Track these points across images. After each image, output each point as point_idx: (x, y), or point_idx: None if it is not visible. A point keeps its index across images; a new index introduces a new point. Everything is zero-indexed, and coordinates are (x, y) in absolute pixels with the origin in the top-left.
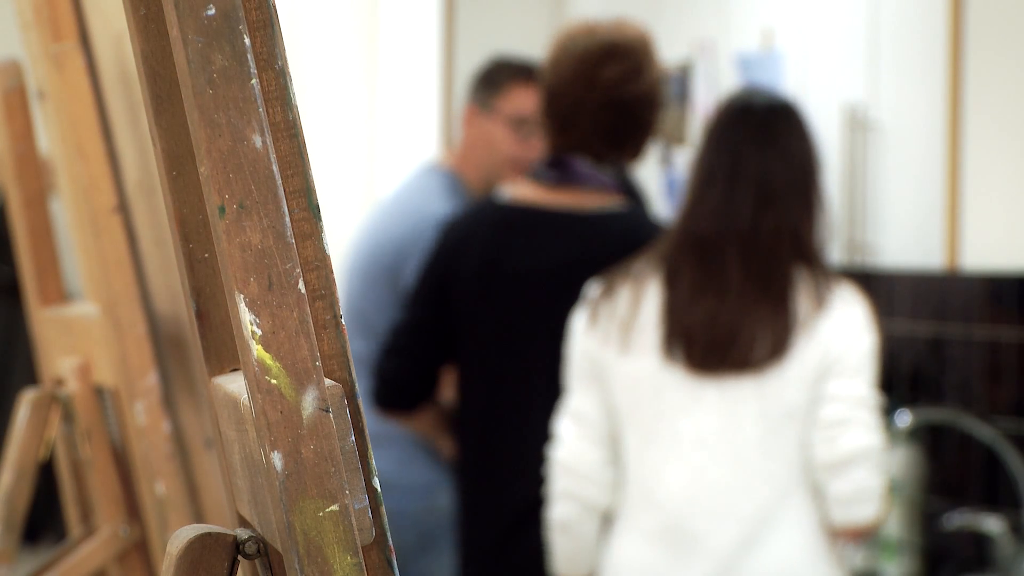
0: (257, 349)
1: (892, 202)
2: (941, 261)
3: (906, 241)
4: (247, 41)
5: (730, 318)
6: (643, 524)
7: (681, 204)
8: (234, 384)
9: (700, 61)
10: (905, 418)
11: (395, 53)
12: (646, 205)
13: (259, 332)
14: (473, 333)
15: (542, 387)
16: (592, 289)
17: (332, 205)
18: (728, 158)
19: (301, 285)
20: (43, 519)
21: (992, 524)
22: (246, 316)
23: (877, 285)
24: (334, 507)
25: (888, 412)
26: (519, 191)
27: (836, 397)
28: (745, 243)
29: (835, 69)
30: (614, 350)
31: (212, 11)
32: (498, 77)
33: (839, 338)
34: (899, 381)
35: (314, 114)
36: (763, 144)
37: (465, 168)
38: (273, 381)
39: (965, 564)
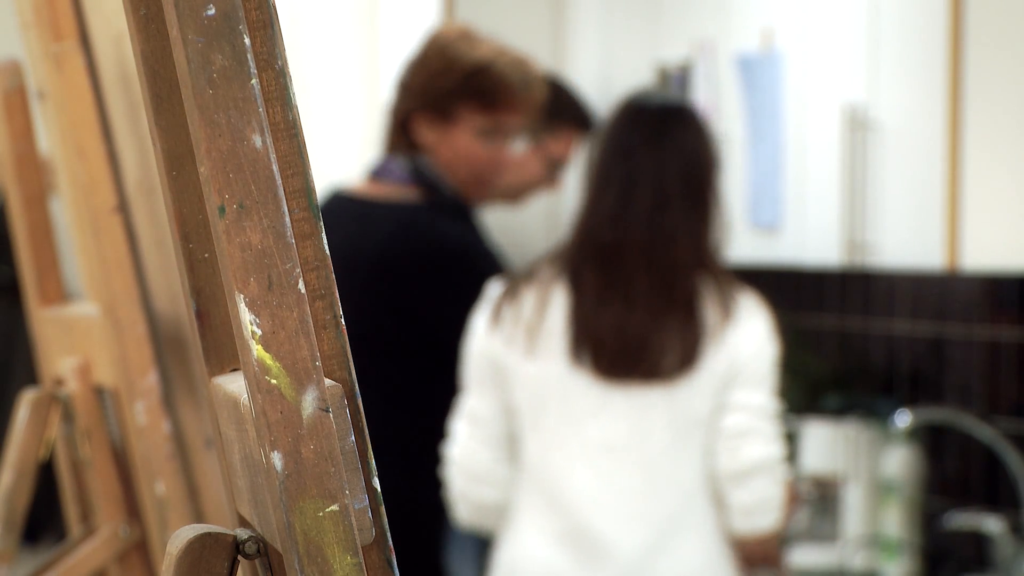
0: (257, 349)
1: (892, 202)
2: (941, 261)
3: (906, 241)
4: (247, 41)
5: (638, 327)
6: (546, 526)
7: (578, 208)
8: (234, 384)
9: (700, 61)
10: (905, 418)
11: (395, 53)
12: (449, 201)
13: (259, 332)
14: None
15: None
16: (493, 289)
17: None
18: (622, 160)
19: (301, 285)
20: (43, 519)
21: (992, 524)
22: (246, 316)
23: (877, 285)
24: (334, 507)
25: (888, 412)
26: (356, 181)
27: (739, 407)
28: (645, 249)
29: (835, 69)
30: (519, 353)
31: (212, 11)
32: (559, 113)
33: (746, 348)
34: (899, 381)
35: (314, 114)
36: (657, 145)
37: None
38: (273, 381)
39: (965, 564)
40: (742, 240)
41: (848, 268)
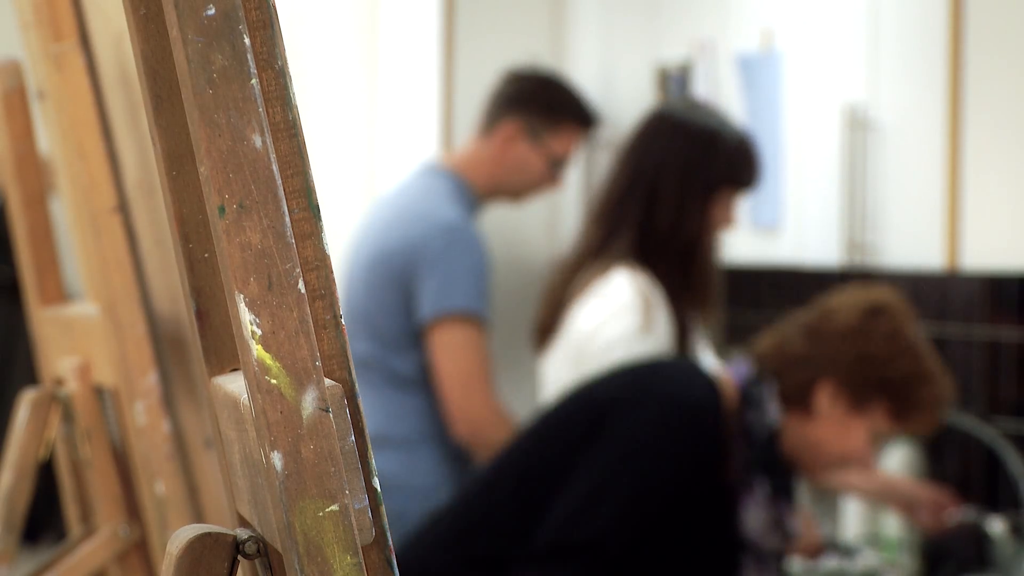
0: (257, 349)
1: (892, 202)
2: (941, 261)
3: (906, 241)
4: (247, 41)
5: (546, 306)
6: None
7: None
8: (234, 384)
9: (700, 61)
10: None
11: (395, 53)
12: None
13: (259, 332)
14: None
15: None
16: None
17: (332, 205)
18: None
19: (301, 285)
20: (43, 519)
21: (992, 524)
22: (246, 316)
23: (877, 285)
24: (334, 507)
25: None
26: None
27: None
28: (591, 243)
29: (835, 69)
30: None
31: (212, 11)
32: (560, 111)
33: (581, 327)
34: None
35: (314, 114)
36: (642, 140)
37: (476, 175)
38: (273, 381)
39: (965, 564)
40: (742, 240)
41: (848, 268)
